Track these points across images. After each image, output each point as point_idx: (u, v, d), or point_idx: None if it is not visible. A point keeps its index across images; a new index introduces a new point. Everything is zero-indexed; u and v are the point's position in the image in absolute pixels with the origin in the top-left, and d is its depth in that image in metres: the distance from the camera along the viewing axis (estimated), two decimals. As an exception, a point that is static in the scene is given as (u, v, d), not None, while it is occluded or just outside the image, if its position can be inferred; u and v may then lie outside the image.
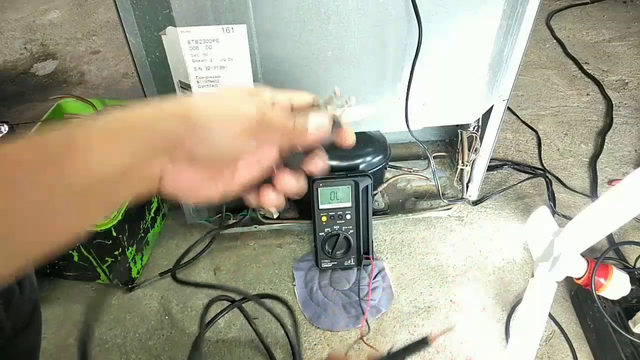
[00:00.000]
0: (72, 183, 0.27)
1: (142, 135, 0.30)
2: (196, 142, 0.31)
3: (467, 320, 0.89)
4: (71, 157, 0.27)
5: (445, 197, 1.06)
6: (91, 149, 0.28)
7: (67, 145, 0.28)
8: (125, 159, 0.29)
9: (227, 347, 0.85)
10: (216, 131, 0.32)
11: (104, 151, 0.28)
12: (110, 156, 0.28)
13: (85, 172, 0.28)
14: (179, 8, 0.62)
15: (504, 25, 0.71)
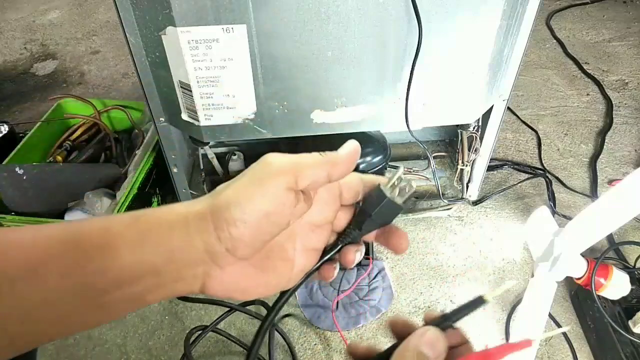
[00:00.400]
0: (94, 283, 0.25)
1: (178, 233, 0.27)
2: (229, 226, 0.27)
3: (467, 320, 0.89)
4: (95, 255, 0.26)
5: (445, 197, 1.06)
6: (118, 246, 0.26)
7: (90, 243, 0.26)
8: (158, 258, 0.27)
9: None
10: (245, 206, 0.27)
11: (133, 249, 0.26)
12: (142, 255, 0.26)
13: (109, 272, 0.26)
14: (179, 8, 0.62)
15: (504, 25, 0.71)
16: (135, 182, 0.94)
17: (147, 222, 0.27)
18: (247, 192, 0.28)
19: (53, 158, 1.05)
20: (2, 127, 1.12)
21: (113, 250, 0.26)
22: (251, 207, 0.27)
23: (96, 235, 0.26)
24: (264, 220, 0.28)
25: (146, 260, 0.26)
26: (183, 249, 0.27)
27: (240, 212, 0.27)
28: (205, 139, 0.79)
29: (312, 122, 0.77)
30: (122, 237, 0.26)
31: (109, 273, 0.26)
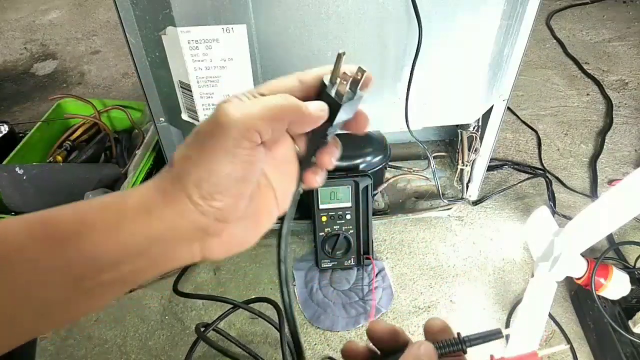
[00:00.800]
0: (72, 271, 0.25)
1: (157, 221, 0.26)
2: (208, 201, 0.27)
3: (467, 320, 0.89)
4: (76, 240, 0.25)
5: (445, 197, 1.06)
6: (93, 234, 0.25)
7: (74, 228, 0.25)
8: (140, 246, 0.26)
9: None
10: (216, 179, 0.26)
11: (109, 236, 0.26)
12: (121, 241, 0.26)
13: (90, 257, 0.25)
14: (179, 8, 0.62)
15: (504, 25, 0.71)
16: (135, 182, 0.94)
17: (118, 211, 0.26)
18: (212, 162, 0.26)
19: (53, 158, 1.06)
20: (2, 127, 1.12)
21: (88, 236, 0.25)
22: (222, 178, 0.26)
23: (69, 221, 0.26)
24: (239, 183, 0.27)
25: (127, 246, 0.26)
26: (166, 232, 0.27)
27: (213, 186, 0.26)
28: (205, 139, 0.79)
29: (312, 122, 0.77)
30: (96, 224, 0.26)
31: (86, 259, 0.25)
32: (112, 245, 0.26)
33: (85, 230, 0.25)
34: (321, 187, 0.87)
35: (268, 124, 0.27)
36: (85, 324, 0.89)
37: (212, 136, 0.26)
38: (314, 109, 0.29)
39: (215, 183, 0.26)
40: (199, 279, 0.96)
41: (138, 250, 0.26)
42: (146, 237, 0.26)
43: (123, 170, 1.02)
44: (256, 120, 0.26)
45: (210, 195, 0.26)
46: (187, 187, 0.26)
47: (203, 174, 0.26)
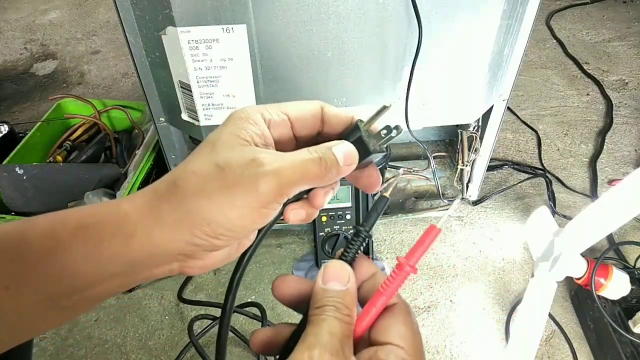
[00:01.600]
0: (47, 291, 0.24)
1: (138, 246, 0.25)
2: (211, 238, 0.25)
3: (467, 320, 0.89)
4: (50, 261, 0.24)
5: (445, 197, 1.06)
6: (67, 255, 0.24)
7: (49, 246, 0.24)
8: (118, 268, 0.25)
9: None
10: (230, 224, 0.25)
11: (86, 258, 0.24)
12: (97, 263, 0.24)
13: (61, 280, 0.24)
14: (179, 8, 0.62)
15: (504, 25, 0.71)
16: (135, 182, 0.94)
17: (97, 232, 0.25)
18: (233, 211, 0.25)
19: (53, 158, 1.05)
20: (2, 127, 1.12)
21: (62, 258, 0.24)
22: (237, 226, 0.25)
23: (45, 237, 0.24)
24: (250, 231, 0.27)
25: (102, 270, 0.25)
26: (148, 258, 0.25)
27: (224, 229, 0.25)
28: (205, 139, 0.79)
29: (312, 122, 0.77)
30: (71, 246, 0.24)
31: (59, 280, 0.24)
32: (87, 268, 0.24)
33: (59, 251, 0.24)
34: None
35: (300, 187, 0.26)
36: (85, 324, 0.89)
37: (240, 186, 0.24)
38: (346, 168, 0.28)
39: (228, 228, 0.25)
40: (199, 280, 0.96)
41: (115, 273, 0.25)
42: (125, 263, 0.25)
43: (123, 170, 1.02)
44: (291, 187, 0.25)
45: (215, 234, 0.25)
46: (194, 219, 0.25)
47: (219, 217, 0.25)
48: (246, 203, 0.25)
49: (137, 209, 0.25)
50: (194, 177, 0.25)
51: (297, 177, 0.25)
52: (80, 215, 0.25)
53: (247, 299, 0.92)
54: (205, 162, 0.26)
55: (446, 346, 0.85)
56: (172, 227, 0.25)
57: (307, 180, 0.26)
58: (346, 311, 0.25)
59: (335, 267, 0.27)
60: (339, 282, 0.26)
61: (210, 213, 0.25)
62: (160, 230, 0.25)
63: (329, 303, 0.25)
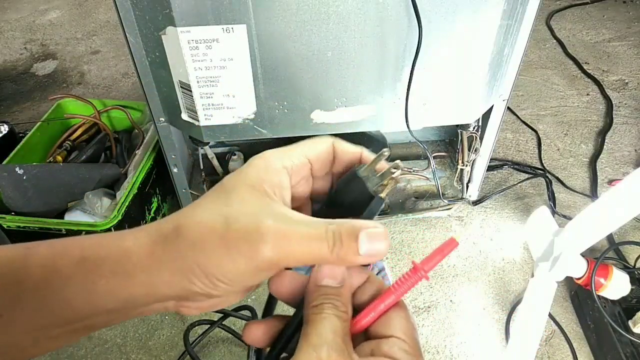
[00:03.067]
0: (40, 322, 0.24)
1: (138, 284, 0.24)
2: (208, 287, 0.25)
3: (467, 320, 0.89)
4: (47, 293, 0.24)
5: (445, 197, 1.06)
6: (66, 289, 0.24)
7: (46, 277, 0.24)
8: (114, 305, 0.24)
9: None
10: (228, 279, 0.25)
11: (83, 293, 0.24)
12: (93, 299, 0.24)
13: (55, 312, 0.24)
14: (179, 8, 0.62)
15: (504, 25, 0.71)
16: (135, 182, 0.94)
17: (97, 267, 0.24)
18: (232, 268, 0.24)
19: (53, 158, 1.05)
20: (2, 127, 1.12)
21: (59, 291, 0.24)
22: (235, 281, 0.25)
23: (44, 266, 0.24)
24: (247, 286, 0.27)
25: (99, 306, 0.24)
26: (144, 297, 0.25)
27: (221, 283, 0.25)
28: (205, 139, 0.79)
29: (312, 122, 0.77)
30: (70, 279, 0.24)
31: (54, 312, 0.24)
32: (84, 304, 0.24)
33: (57, 283, 0.24)
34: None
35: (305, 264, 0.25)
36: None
37: (240, 248, 0.24)
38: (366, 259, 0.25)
39: (226, 282, 0.25)
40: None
41: (109, 309, 0.25)
42: (120, 300, 0.25)
43: (123, 170, 1.02)
44: (291, 264, 0.25)
45: (213, 285, 0.25)
46: (193, 269, 0.24)
47: (216, 271, 0.24)
48: (243, 265, 0.24)
49: (140, 248, 0.25)
50: (198, 227, 0.25)
51: (299, 256, 0.24)
52: (82, 248, 0.25)
53: (247, 298, 0.92)
54: (213, 212, 0.25)
55: (446, 346, 0.85)
56: (172, 272, 0.24)
57: (312, 262, 0.25)
58: (343, 308, 0.25)
59: (329, 266, 0.27)
60: (333, 279, 0.26)
61: (209, 267, 0.24)
62: (159, 274, 0.24)
63: (327, 300, 0.25)
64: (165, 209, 1.07)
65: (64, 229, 0.85)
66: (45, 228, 0.86)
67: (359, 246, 0.24)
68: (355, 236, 0.24)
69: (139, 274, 0.24)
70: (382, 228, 0.25)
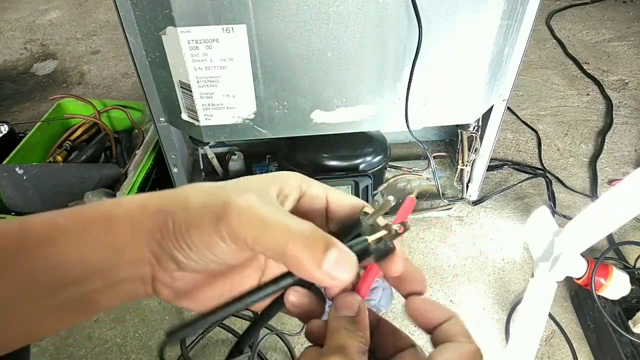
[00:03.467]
0: (39, 281, 0.24)
1: (122, 229, 0.25)
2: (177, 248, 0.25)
3: (467, 320, 0.89)
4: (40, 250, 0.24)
5: (445, 197, 1.06)
6: (62, 241, 0.24)
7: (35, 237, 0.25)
8: (102, 254, 0.25)
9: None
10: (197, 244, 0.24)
11: (77, 244, 0.24)
12: (85, 251, 0.25)
13: (54, 269, 0.24)
14: (179, 8, 0.62)
15: (504, 25, 0.71)
16: (135, 182, 0.94)
17: (90, 216, 0.25)
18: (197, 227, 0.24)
19: (53, 158, 1.05)
20: (2, 127, 1.12)
21: (56, 246, 0.24)
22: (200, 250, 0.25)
23: (40, 227, 0.25)
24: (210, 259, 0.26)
25: (90, 258, 0.25)
26: (126, 245, 0.25)
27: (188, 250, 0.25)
28: (205, 139, 0.79)
29: (312, 122, 0.77)
30: (66, 231, 0.25)
31: (53, 270, 0.24)
32: (78, 254, 0.25)
33: (55, 234, 0.25)
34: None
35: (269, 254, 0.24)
36: (85, 324, 0.89)
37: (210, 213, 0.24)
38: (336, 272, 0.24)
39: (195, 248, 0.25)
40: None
41: (101, 265, 0.25)
42: (110, 248, 0.25)
43: (123, 170, 1.02)
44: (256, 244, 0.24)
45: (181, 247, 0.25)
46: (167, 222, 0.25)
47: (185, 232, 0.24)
48: (208, 230, 0.24)
49: (131, 199, 0.26)
50: (197, 187, 0.26)
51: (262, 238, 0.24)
52: (81, 206, 0.26)
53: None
54: (208, 185, 0.26)
55: (446, 346, 0.85)
56: (151, 223, 0.25)
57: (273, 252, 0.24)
58: (363, 338, 0.26)
59: (344, 297, 0.27)
60: (349, 309, 0.27)
61: (180, 225, 0.24)
62: (141, 223, 0.25)
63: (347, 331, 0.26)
64: (165, 209, 1.07)
65: (64, 229, 0.85)
66: (45, 228, 0.85)
67: (324, 260, 0.23)
68: (325, 247, 0.23)
69: (125, 220, 0.25)
70: (354, 256, 0.24)
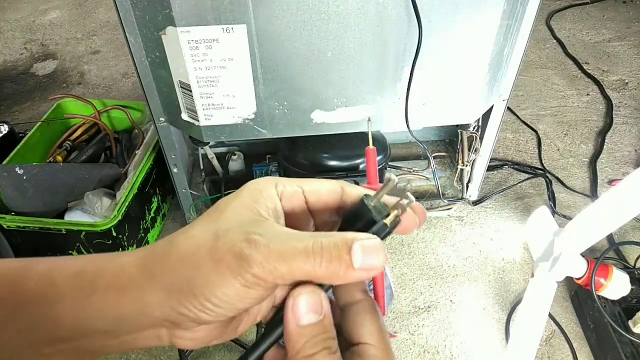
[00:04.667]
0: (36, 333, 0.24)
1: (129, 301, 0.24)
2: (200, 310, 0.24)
3: (467, 320, 0.89)
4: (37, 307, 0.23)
5: (445, 197, 1.06)
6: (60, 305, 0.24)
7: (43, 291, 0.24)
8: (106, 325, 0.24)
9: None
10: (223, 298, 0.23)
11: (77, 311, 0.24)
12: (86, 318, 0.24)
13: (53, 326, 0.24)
14: (179, 8, 0.62)
15: (504, 25, 0.71)
16: (135, 182, 0.94)
17: (91, 282, 0.24)
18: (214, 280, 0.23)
19: (53, 158, 1.05)
20: (2, 127, 1.12)
21: (54, 304, 0.23)
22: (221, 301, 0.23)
23: (40, 280, 0.24)
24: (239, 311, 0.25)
25: (92, 325, 0.24)
26: (135, 317, 0.24)
27: (210, 303, 0.23)
28: (205, 139, 0.79)
29: (312, 122, 0.77)
30: (65, 295, 0.24)
31: (49, 326, 0.23)
32: (78, 319, 0.24)
33: (53, 295, 0.24)
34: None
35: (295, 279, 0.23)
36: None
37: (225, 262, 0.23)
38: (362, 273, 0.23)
39: (214, 303, 0.23)
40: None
41: (100, 329, 0.24)
42: (112, 318, 0.24)
43: (123, 170, 1.02)
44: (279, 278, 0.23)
45: (202, 307, 0.23)
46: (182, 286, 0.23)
47: (204, 289, 0.23)
48: (230, 279, 0.23)
49: (134, 262, 0.25)
50: (188, 242, 0.24)
51: (285, 271, 0.22)
52: (80, 262, 0.25)
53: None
54: (206, 228, 0.24)
55: (446, 346, 0.85)
56: (162, 290, 0.24)
57: (302, 278, 0.23)
58: (334, 346, 0.24)
59: (305, 297, 0.24)
60: (314, 312, 0.24)
61: (197, 284, 0.23)
62: (152, 290, 0.24)
63: (316, 348, 0.23)
64: (165, 209, 1.07)
65: (64, 229, 0.85)
66: (45, 228, 0.86)
67: (353, 259, 0.22)
68: (347, 248, 0.22)
69: (132, 290, 0.24)
70: (378, 240, 0.23)
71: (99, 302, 0.24)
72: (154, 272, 0.24)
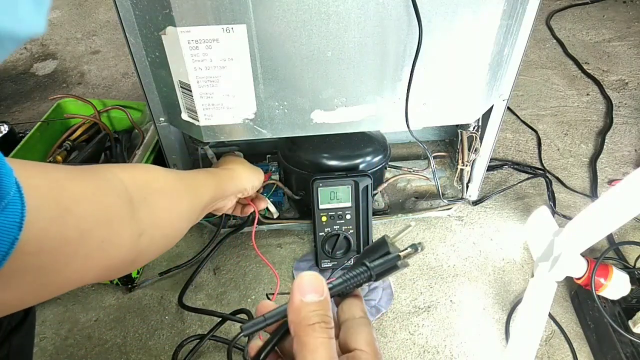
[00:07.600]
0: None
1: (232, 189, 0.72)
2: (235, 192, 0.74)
3: (467, 320, 0.89)
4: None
5: (445, 197, 1.06)
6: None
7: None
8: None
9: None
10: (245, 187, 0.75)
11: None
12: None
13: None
14: (179, 8, 0.62)
15: (504, 25, 0.71)
16: (135, 182, 0.94)
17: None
18: (249, 174, 0.76)
19: (53, 158, 1.05)
20: (2, 127, 1.12)
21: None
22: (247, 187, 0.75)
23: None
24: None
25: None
26: (232, 193, 0.73)
27: (245, 188, 0.76)
28: (205, 139, 0.79)
29: (312, 122, 0.77)
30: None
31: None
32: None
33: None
34: (321, 187, 0.88)
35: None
36: (85, 324, 0.89)
37: (255, 170, 0.79)
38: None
39: (243, 187, 0.75)
40: (199, 280, 0.96)
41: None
42: (233, 191, 0.72)
43: (123, 170, 1.01)
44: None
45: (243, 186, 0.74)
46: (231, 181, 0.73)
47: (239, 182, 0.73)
48: (254, 176, 0.79)
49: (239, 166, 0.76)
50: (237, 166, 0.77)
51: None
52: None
53: (247, 299, 0.92)
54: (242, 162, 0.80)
55: (446, 346, 0.85)
56: (242, 176, 0.75)
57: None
58: (331, 323, 0.28)
59: (310, 279, 0.29)
60: (316, 293, 0.28)
61: (236, 187, 0.74)
62: (241, 174, 0.75)
63: (316, 319, 0.27)
64: (165, 209, 1.07)
65: (64, 229, 0.85)
66: (45, 228, 0.85)
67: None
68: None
69: (231, 185, 0.73)
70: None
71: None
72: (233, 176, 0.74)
